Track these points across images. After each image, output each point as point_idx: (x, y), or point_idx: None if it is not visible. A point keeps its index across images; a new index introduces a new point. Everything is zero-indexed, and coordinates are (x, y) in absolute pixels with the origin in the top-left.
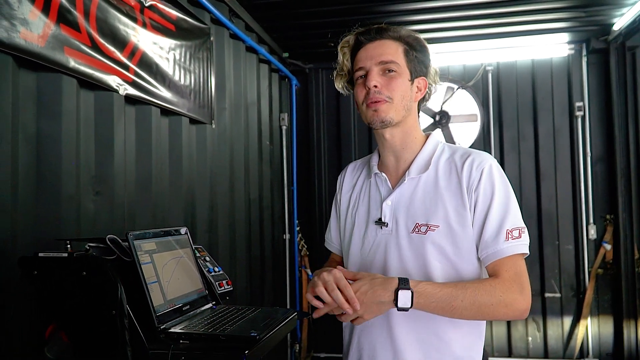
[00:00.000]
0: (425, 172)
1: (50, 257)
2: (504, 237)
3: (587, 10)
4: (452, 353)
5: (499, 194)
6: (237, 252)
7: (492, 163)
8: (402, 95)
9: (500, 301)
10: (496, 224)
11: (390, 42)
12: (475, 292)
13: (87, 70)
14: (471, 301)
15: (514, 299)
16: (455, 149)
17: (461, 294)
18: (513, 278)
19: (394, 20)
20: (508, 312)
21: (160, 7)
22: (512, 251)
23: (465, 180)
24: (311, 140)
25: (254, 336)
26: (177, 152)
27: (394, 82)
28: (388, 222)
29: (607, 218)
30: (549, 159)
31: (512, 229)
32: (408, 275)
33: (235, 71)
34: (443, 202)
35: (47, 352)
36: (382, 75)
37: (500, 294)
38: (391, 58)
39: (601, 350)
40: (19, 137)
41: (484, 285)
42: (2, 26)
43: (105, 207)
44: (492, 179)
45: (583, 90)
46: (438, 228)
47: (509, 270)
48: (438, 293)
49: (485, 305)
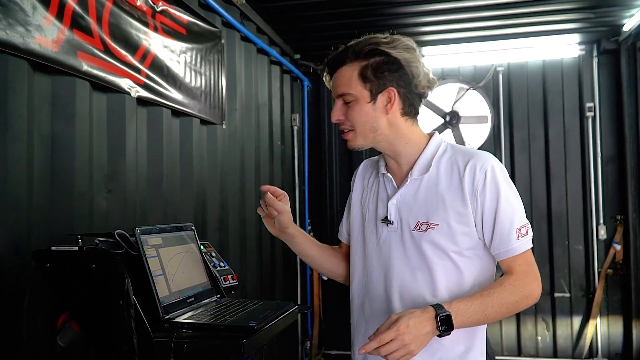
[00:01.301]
0: (427, 173)
1: (62, 250)
2: (515, 237)
3: (596, 12)
4: (447, 345)
5: (505, 195)
6: (247, 250)
7: (494, 164)
8: (363, 121)
9: (522, 296)
10: (507, 224)
11: (345, 70)
12: (501, 296)
13: (99, 73)
14: (500, 304)
15: (532, 289)
16: (457, 149)
17: (490, 301)
18: (526, 270)
19: (403, 22)
20: (529, 302)
21: (172, 12)
22: (523, 248)
23: (468, 182)
24: (322, 140)
25: (252, 326)
26: (187, 152)
27: (350, 112)
28: (393, 220)
29: (618, 218)
30: (559, 159)
31: (521, 227)
32: (412, 271)
33: (246, 73)
34: (443, 202)
35: (59, 340)
36: (343, 105)
37: (520, 289)
38: (344, 90)
39: (610, 350)
40: (34, 137)
41: (505, 286)
42: (18, 32)
43: (117, 204)
44: (497, 181)
45: (594, 90)
46: (438, 226)
47: (522, 264)
48: (470, 308)
49: (512, 304)
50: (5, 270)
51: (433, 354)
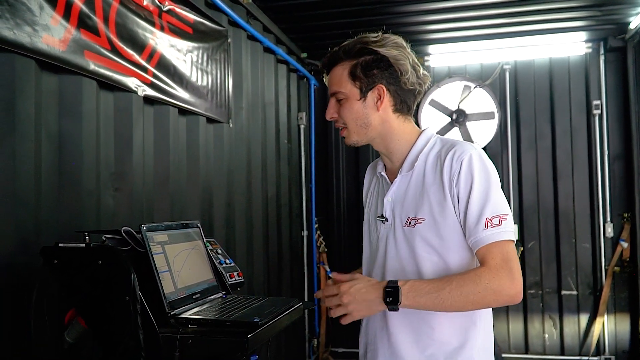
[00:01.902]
0: (414, 168)
1: (69, 247)
2: (484, 226)
3: (603, 10)
4: (442, 339)
5: (478, 184)
6: (254, 248)
7: (473, 153)
8: (354, 118)
9: (487, 288)
10: (476, 212)
11: (337, 70)
12: (461, 283)
13: (106, 72)
14: (458, 292)
15: (501, 285)
16: (445, 142)
17: (448, 286)
18: (500, 265)
19: (409, 21)
20: (498, 298)
21: (178, 11)
22: (492, 239)
23: (447, 172)
24: (329, 138)
25: (257, 322)
26: (194, 150)
27: (342, 110)
28: (388, 217)
29: (625, 216)
30: (566, 157)
31: (492, 217)
32: (402, 267)
33: (252, 71)
34: (428, 196)
35: (67, 336)
36: (337, 103)
37: (486, 281)
38: (335, 88)
39: (617, 348)
40: (42, 135)
41: (469, 275)
42: (25, 32)
43: (124, 202)
44: (472, 170)
45: (600, 88)
46: (424, 221)
47: (495, 257)
48: (425, 288)
49: (472, 294)
50: (14, 267)
51: (424, 350)
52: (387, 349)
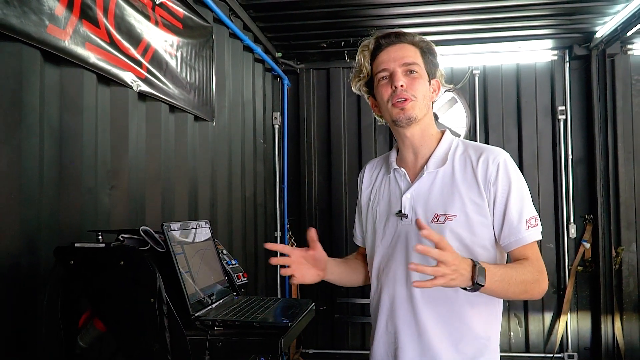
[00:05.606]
0: (442, 167)
1: (87, 247)
2: (525, 226)
3: (572, 19)
4: (472, 331)
5: (516, 186)
6: (233, 248)
7: (506, 157)
8: (423, 95)
9: (535, 279)
10: (517, 214)
11: (409, 46)
12: (522, 272)
13: (105, 66)
14: (520, 280)
15: (542, 279)
16: (467, 144)
17: (514, 273)
18: (540, 262)
19: (381, 24)
20: (540, 290)
21: (170, 5)
22: (533, 238)
23: (482, 174)
24: (301, 139)
25: (287, 323)
26: (182, 149)
27: (416, 82)
28: (408, 213)
29: (587, 218)
30: (532, 160)
31: (530, 218)
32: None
33: (233, 70)
34: (460, 194)
35: (80, 340)
36: (405, 75)
37: (536, 273)
38: (413, 60)
39: (580, 345)
40: (44, 130)
41: (523, 265)
42: (32, 20)
43: (118, 200)
44: (508, 172)
45: (565, 94)
46: (456, 217)
47: (535, 254)
48: (498, 272)
49: (529, 283)
50: (19, 267)
51: (457, 343)
52: (417, 344)
